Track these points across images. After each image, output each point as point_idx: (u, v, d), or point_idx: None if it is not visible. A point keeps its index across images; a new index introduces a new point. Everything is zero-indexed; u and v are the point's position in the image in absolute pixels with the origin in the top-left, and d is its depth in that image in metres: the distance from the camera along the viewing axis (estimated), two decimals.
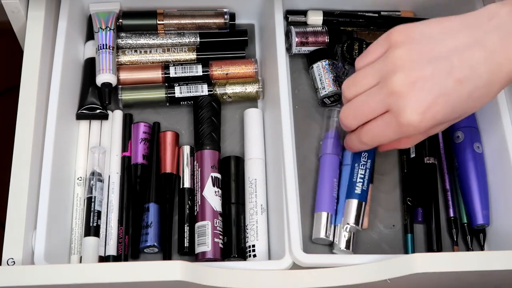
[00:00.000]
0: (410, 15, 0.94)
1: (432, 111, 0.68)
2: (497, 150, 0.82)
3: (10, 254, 0.72)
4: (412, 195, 0.83)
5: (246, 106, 0.88)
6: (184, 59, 0.90)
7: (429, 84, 0.67)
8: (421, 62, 0.68)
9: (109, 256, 0.79)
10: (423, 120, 0.68)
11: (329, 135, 0.84)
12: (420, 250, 0.81)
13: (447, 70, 0.67)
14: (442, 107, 0.68)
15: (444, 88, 0.67)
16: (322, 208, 0.80)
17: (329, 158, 0.83)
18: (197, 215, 0.81)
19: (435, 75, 0.67)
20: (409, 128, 0.69)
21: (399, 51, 0.69)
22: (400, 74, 0.68)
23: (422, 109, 0.67)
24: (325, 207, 0.80)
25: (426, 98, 0.67)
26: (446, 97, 0.67)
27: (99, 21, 0.88)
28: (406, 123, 0.68)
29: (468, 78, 0.67)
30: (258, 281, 0.71)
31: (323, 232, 0.79)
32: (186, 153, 0.85)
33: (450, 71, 0.67)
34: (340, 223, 0.80)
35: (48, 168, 0.77)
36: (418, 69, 0.68)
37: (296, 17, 0.92)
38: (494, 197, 0.82)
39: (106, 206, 0.82)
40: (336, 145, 0.83)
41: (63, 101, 0.82)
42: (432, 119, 0.68)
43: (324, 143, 0.84)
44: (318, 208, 0.80)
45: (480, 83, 0.67)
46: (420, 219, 0.82)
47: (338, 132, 0.84)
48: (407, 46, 0.69)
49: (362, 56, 0.74)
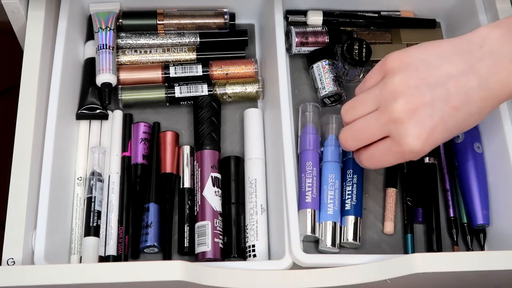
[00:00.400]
0: (410, 15, 0.94)
1: (433, 138, 0.69)
2: (497, 150, 0.82)
3: (10, 254, 0.72)
4: (412, 195, 0.83)
5: (246, 106, 0.88)
6: (184, 59, 0.90)
7: (429, 111, 0.68)
8: (420, 89, 0.69)
9: (109, 256, 0.79)
10: (425, 146, 0.69)
11: (307, 130, 0.84)
12: (420, 250, 0.81)
13: (445, 97, 0.68)
14: (440, 133, 0.69)
15: (442, 115, 0.68)
16: (305, 205, 0.80)
17: (309, 154, 0.82)
18: (197, 215, 0.81)
19: (434, 102, 0.68)
20: (411, 155, 0.70)
21: (397, 77, 0.70)
22: (400, 101, 0.69)
23: (424, 136, 0.69)
24: (308, 204, 0.80)
25: (427, 125, 0.68)
26: (444, 124, 0.69)
27: (99, 21, 0.88)
28: (408, 150, 0.69)
29: (463, 105, 0.68)
30: (258, 281, 0.71)
31: (309, 229, 0.79)
32: (186, 153, 0.85)
33: (447, 98, 0.68)
34: (324, 220, 0.80)
35: (48, 168, 0.77)
36: (417, 95, 0.69)
37: (296, 17, 0.92)
38: (494, 197, 0.82)
39: (106, 206, 0.82)
40: (315, 140, 0.83)
41: (63, 101, 0.82)
42: (432, 145, 0.70)
43: (303, 138, 0.83)
44: (301, 206, 0.80)
45: (474, 109, 0.69)
46: (420, 219, 0.82)
47: (315, 128, 0.84)
48: (405, 73, 0.70)
49: (361, 84, 0.75)
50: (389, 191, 0.83)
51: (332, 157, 0.82)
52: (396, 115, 0.69)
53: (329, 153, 0.82)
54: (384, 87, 0.71)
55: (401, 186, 0.84)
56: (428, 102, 0.68)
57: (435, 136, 0.69)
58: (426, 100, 0.68)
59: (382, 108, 0.70)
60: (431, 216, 0.82)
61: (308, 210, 0.79)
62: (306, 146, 0.82)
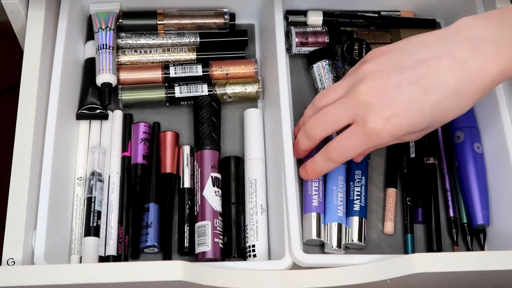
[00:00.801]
0: (410, 15, 0.94)
1: (397, 119, 0.68)
2: (497, 150, 0.82)
3: (10, 254, 0.72)
4: (412, 195, 0.83)
5: (246, 106, 0.88)
6: (184, 59, 0.90)
7: (394, 92, 0.68)
8: (389, 73, 0.69)
9: (109, 256, 0.79)
10: (387, 127, 0.68)
11: None
12: (420, 250, 0.81)
13: (413, 80, 0.68)
14: (407, 116, 0.68)
15: (409, 97, 0.68)
16: (310, 209, 0.80)
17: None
18: (197, 215, 0.81)
19: (400, 84, 0.68)
20: (374, 137, 0.69)
21: (369, 64, 0.70)
22: (367, 83, 0.69)
23: (386, 115, 0.68)
24: (313, 207, 0.80)
25: (391, 105, 0.68)
26: (411, 106, 0.68)
27: (99, 21, 0.88)
28: (370, 131, 0.69)
29: (434, 87, 0.67)
30: (258, 281, 0.71)
31: (314, 233, 0.79)
32: (186, 153, 0.85)
33: (416, 81, 0.68)
34: (329, 222, 0.80)
35: (48, 168, 0.77)
36: (385, 78, 0.68)
37: (296, 17, 0.92)
38: (494, 197, 0.82)
39: (106, 206, 0.82)
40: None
41: (63, 101, 0.82)
42: (396, 126, 0.68)
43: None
44: (306, 210, 0.80)
45: (448, 92, 0.68)
46: (420, 219, 0.82)
47: None
48: (378, 59, 0.70)
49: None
50: (389, 191, 0.83)
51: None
52: (361, 97, 0.69)
53: None
54: (356, 74, 0.71)
55: (401, 186, 0.84)
56: (394, 84, 0.68)
57: (400, 117, 0.68)
58: (393, 82, 0.68)
59: (349, 92, 0.70)
60: (431, 216, 0.82)
61: (313, 214, 0.79)
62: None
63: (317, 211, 0.79)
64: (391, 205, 0.83)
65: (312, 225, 0.79)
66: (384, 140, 0.70)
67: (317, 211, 0.79)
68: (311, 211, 0.79)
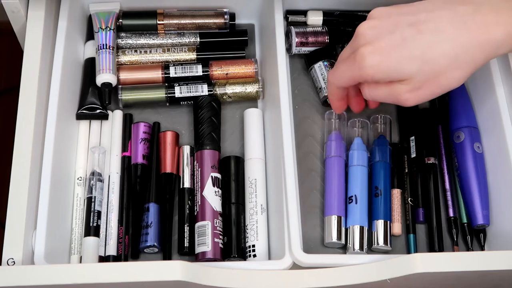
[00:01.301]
0: None
1: (385, 51, 0.69)
2: (497, 150, 0.82)
3: (10, 254, 0.72)
4: (413, 195, 0.83)
5: (246, 106, 0.88)
6: (184, 59, 0.90)
7: (390, 29, 0.70)
8: (390, 15, 0.71)
9: (109, 256, 0.79)
10: (374, 57, 0.70)
11: (332, 137, 0.84)
12: (422, 250, 0.81)
13: (411, 22, 0.70)
14: (396, 50, 0.69)
15: (402, 34, 0.70)
16: (332, 211, 0.80)
17: (334, 160, 0.83)
18: (197, 215, 0.81)
19: (399, 23, 0.70)
20: (360, 63, 0.70)
21: (376, 9, 0.73)
22: (368, 22, 0.72)
23: (376, 47, 0.70)
24: (335, 210, 0.80)
25: (382, 39, 0.70)
26: (403, 42, 0.69)
27: (99, 21, 0.88)
28: (358, 56, 0.70)
29: (429, 30, 0.69)
30: (258, 281, 0.71)
31: (334, 235, 0.79)
32: (186, 153, 0.85)
33: (414, 23, 0.70)
34: (351, 225, 0.80)
35: (48, 168, 0.77)
36: (385, 20, 0.71)
37: (296, 17, 0.92)
38: (494, 197, 0.82)
39: (106, 206, 0.82)
40: (339, 146, 0.83)
41: (63, 101, 0.82)
42: (383, 57, 0.70)
43: (328, 145, 0.84)
44: (328, 212, 0.80)
45: (443, 37, 0.69)
46: (421, 219, 0.82)
47: (340, 134, 0.84)
48: (385, 8, 0.73)
49: None
50: (395, 192, 0.83)
51: (335, 152, 0.83)
52: (360, 32, 0.71)
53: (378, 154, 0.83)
54: (364, 21, 0.73)
55: (403, 186, 0.84)
56: (392, 24, 0.70)
57: (389, 50, 0.69)
58: (392, 21, 0.71)
59: (354, 38, 0.73)
60: (431, 216, 0.82)
61: (333, 217, 0.80)
62: (331, 153, 0.83)
63: (338, 214, 0.80)
64: (398, 206, 0.83)
65: (333, 227, 0.79)
66: (369, 70, 0.70)
67: (339, 214, 0.80)
68: (332, 214, 0.80)
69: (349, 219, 0.80)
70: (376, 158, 0.83)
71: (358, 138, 0.84)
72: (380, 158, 0.83)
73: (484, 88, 0.84)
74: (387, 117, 0.86)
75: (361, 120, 0.86)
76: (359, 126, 0.86)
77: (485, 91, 0.84)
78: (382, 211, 0.81)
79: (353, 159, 0.83)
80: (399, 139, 0.87)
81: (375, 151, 0.84)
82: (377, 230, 0.80)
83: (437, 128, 0.87)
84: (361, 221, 0.80)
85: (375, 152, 0.83)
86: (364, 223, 0.80)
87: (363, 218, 0.80)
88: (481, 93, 0.85)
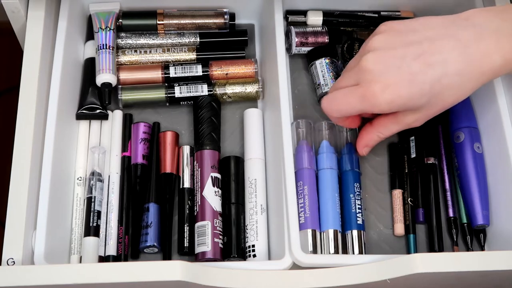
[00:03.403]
0: (410, 15, 0.93)
1: (396, 87, 0.70)
2: (497, 150, 0.82)
3: (10, 254, 0.72)
4: (413, 195, 0.83)
5: (246, 106, 0.88)
6: (184, 59, 0.90)
7: (397, 63, 0.70)
8: (395, 46, 0.71)
9: (109, 256, 0.79)
10: (385, 95, 0.70)
11: (300, 149, 0.83)
12: (422, 251, 0.81)
13: (417, 54, 0.70)
14: (406, 86, 0.70)
15: (410, 69, 0.70)
16: (307, 226, 0.79)
17: (305, 172, 0.81)
18: (197, 215, 0.81)
19: (405, 56, 0.70)
20: (371, 99, 0.71)
21: (378, 37, 0.73)
22: (373, 53, 0.72)
23: (385, 83, 0.70)
24: (309, 224, 0.79)
25: (391, 75, 0.70)
26: (412, 77, 0.70)
27: (99, 21, 0.88)
28: (368, 93, 0.71)
29: (436, 63, 0.70)
30: (258, 281, 0.71)
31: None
32: (186, 153, 0.85)
33: (420, 55, 0.70)
34: (327, 229, 0.79)
35: (48, 168, 0.77)
36: (390, 50, 0.71)
37: (296, 17, 0.92)
38: (494, 197, 0.82)
39: (106, 206, 0.82)
40: (309, 157, 0.82)
41: (63, 101, 0.82)
42: (394, 95, 0.70)
43: (298, 157, 0.82)
44: (302, 226, 0.79)
45: (450, 70, 0.70)
46: (421, 219, 0.82)
47: (307, 145, 0.83)
48: (386, 33, 0.73)
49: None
50: (395, 193, 0.83)
51: (351, 166, 0.82)
52: (366, 65, 0.71)
53: (347, 162, 0.82)
54: (365, 46, 0.74)
55: (403, 186, 0.84)
56: (398, 56, 0.71)
57: (399, 86, 0.70)
58: (397, 54, 0.71)
59: (358, 63, 0.73)
60: (431, 216, 0.82)
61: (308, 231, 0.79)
62: (304, 165, 0.82)
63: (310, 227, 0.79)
64: (399, 207, 0.83)
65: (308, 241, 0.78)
66: (381, 106, 0.71)
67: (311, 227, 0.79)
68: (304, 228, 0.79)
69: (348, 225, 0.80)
70: (347, 167, 0.82)
71: (325, 141, 0.84)
72: (350, 167, 0.82)
73: (484, 89, 0.84)
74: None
75: (327, 123, 0.85)
76: (326, 128, 0.85)
77: (485, 91, 0.84)
78: (361, 222, 0.80)
79: (346, 164, 0.82)
80: (399, 139, 0.87)
81: (344, 159, 0.83)
82: (352, 240, 0.80)
83: (437, 128, 0.87)
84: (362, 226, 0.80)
85: (345, 161, 0.83)
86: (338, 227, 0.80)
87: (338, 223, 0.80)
88: (481, 93, 0.85)
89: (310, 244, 0.78)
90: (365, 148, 0.80)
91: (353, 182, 0.82)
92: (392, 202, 0.83)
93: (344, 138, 0.84)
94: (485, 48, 0.70)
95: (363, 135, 0.79)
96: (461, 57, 0.70)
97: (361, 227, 0.80)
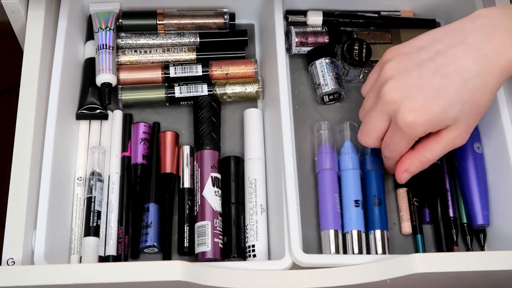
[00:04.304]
0: (410, 15, 0.94)
1: (425, 108, 0.70)
2: (497, 150, 0.82)
3: (10, 254, 0.72)
4: (418, 195, 0.83)
5: (246, 106, 0.88)
6: (184, 59, 0.90)
7: (416, 84, 0.70)
8: (408, 68, 0.71)
9: (109, 256, 0.79)
10: (417, 118, 0.70)
11: (322, 150, 0.83)
12: (430, 251, 0.81)
13: (433, 70, 0.70)
14: (434, 103, 0.70)
15: (431, 85, 0.70)
16: (328, 226, 0.79)
17: (326, 174, 0.82)
18: (197, 215, 0.81)
19: (422, 75, 0.70)
20: (409, 129, 0.71)
21: (388, 64, 0.73)
22: (390, 83, 0.72)
23: (413, 107, 0.70)
24: (331, 224, 0.79)
25: (415, 98, 0.70)
26: (435, 93, 0.70)
27: (99, 21, 0.88)
28: (403, 125, 0.71)
29: (454, 72, 0.70)
30: (258, 281, 0.71)
31: (333, 249, 0.79)
32: (186, 153, 0.85)
33: (436, 70, 0.70)
34: (350, 230, 0.79)
35: (48, 168, 0.77)
36: (405, 74, 0.71)
37: (296, 17, 0.92)
38: (494, 197, 0.82)
39: (106, 206, 0.82)
40: (331, 158, 0.82)
41: (63, 101, 0.82)
42: (426, 115, 0.70)
43: (319, 158, 0.83)
44: (324, 226, 0.80)
45: (470, 74, 0.70)
46: (428, 219, 0.82)
47: (330, 146, 0.83)
48: (396, 58, 0.73)
49: (364, 84, 0.78)
50: (401, 191, 0.83)
51: (374, 166, 0.82)
52: (388, 97, 0.71)
53: (370, 162, 0.83)
54: (379, 78, 0.73)
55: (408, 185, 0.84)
56: (416, 77, 0.70)
57: (428, 105, 0.70)
58: (414, 75, 0.71)
59: (378, 97, 0.73)
60: (437, 216, 0.82)
61: (331, 231, 0.79)
62: (323, 166, 0.82)
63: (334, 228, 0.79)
64: (406, 205, 0.83)
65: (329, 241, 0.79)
66: (420, 129, 0.71)
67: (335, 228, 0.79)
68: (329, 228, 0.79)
69: (346, 226, 0.80)
70: (369, 167, 0.83)
71: (348, 141, 0.84)
72: (372, 167, 0.82)
73: None
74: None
75: (349, 123, 0.85)
76: (348, 129, 0.85)
77: None
78: (380, 221, 0.80)
79: (345, 163, 0.82)
80: None
81: (367, 159, 0.83)
82: (375, 240, 0.80)
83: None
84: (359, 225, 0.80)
85: (367, 161, 0.83)
86: (362, 228, 0.80)
87: (361, 223, 0.80)
88: None
89: (332, 245, 0.78)
90: (404, 174, 0.78)
91: (377, 182, 0.82)
92: (398, 200, 0.83)
93: None
94: (498, 45, 0.69)
95: (404, 160, 0.77)
96: (476, 59, 0.69)
97: (384, 226, 0.80)
